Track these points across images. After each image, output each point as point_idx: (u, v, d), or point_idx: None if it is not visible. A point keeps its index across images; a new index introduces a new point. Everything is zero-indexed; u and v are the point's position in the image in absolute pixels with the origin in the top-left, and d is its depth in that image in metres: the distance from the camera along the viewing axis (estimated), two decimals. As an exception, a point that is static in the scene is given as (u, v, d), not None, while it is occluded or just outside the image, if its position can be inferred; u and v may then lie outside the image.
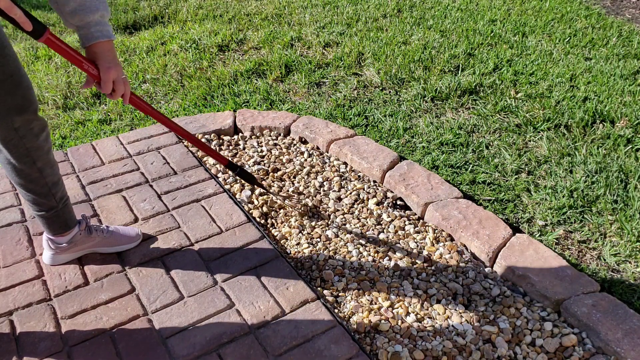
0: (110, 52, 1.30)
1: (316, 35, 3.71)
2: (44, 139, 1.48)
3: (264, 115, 2.71)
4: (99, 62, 1.30)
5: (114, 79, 1.32)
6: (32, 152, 1.46)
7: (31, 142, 1.44)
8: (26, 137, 1.42)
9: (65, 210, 1.65)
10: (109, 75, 1.31)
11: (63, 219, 1.66)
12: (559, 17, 3.99)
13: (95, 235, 1.77)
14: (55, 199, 1.59)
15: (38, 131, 1.45)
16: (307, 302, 1.69)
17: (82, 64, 1.28)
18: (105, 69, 1.30)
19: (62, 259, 1.78)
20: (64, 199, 1.64)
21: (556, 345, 1.60)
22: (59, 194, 1.60)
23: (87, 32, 1.27)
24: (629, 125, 2.63)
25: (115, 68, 1.32)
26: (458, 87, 2.99)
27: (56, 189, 1.58)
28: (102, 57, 1.30)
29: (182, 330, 1.59)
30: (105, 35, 1.29)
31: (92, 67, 1.30)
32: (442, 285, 1.81)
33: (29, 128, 1.42)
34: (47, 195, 1.57)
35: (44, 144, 1.49)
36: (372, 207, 2.15)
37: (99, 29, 1.27)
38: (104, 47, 1.29)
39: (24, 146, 1.43)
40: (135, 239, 1.87)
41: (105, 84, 1.32)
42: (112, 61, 1.31)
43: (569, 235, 2.04)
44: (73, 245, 1.74)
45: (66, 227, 1.68)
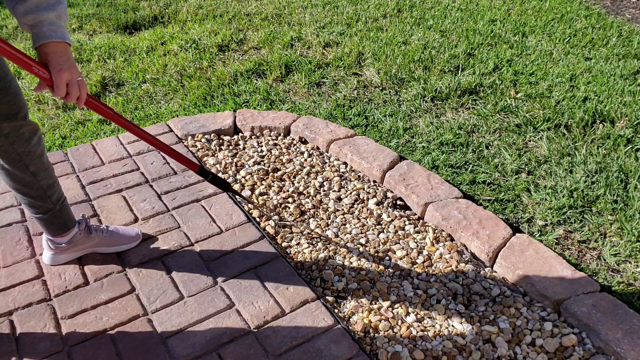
0: (62, 53, 1.22)
1: (316, 35, 3.71)
2: (36, 142, 1.46)
3: (264, 115, 2.71)
4: (50, 64, 1.21)
5: (67, 81, 1.23)
6: (24, 156, 1.44)
7: (22, 147, 1.42)
8: (16, 142, 1.40)
9: (62, 211, 1.64)
10: (61, 77, 1.22)
11: (61, 220, 1.65)
12: (559, 17, 3.99)
13: (95, 235, 1.77)
14: (51, 201, 1.58)
15: (29, 136, 1.43)
16: (307, 302, 1.69)
17: (32, 67, 1.19)
18: (57, 71, 1.21)
19: (62, 259, 1.78)
20: (61, 200, 1.63)
21: (556, 345, 1.60)
22: (55, 196, 1.59)
23: (38, 31, 1.19)
24: (629, 125, 2.63)
25: (69, 70, 1.23)
26: (458, 87, 2.99)
27: (52, 192, 1.57)
28: (53, 59, 1.21)
29: (182, 330, 1.59)
30: (59, 36, 1.20)
31: (43, 70, 1.21)
32: (442, 285, 1.81)
33: (18, 133, 1.40)
34: (42, 198, 1.56)
35: (36, 148, 1.47)
36: (372, 207, 2.15)
37: (52, 29, 1.19)
38: (56, 48, 1.20)
39: (15, 151, 1.42)
40: (135, 239, 1.87)
41: (57, 87, 1.23)
42: (65, 63, 1.22)
43: (569, 235, 2.04)
44: (73, 245, 1.74)
45: (65, 227, 1.68)
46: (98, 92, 3.12)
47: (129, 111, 2.89)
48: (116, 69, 3.35)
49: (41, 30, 1.19)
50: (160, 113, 2.87)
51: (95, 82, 3.16)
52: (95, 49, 3.67)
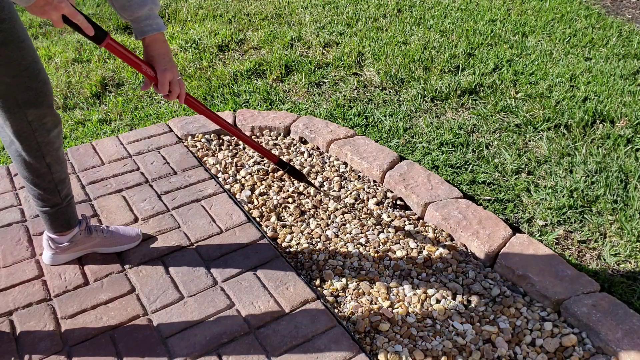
0: (165, 54, 1.36)
1: (316, 35, 3.71)
2: (56, 135, 1.49)
3: (264, 115, 2.71)
4: (156, 64, 1.36)
5: (170, 80, 1.37)
6: (43, 146, 1.47)
7: (43, 136, 1.45)
8: (38, 131, 1.43)
9: (68, 208, 1.66)
10: (165, 77, 1.36)
11: (66, 217, 1.66)
12: (559, 17, 3.99)
13: (95, 235, 1.78)
14: (60, 196, 1.60)
15: (51, 126, 1.46)
16: (307, 302, 1.69)
17: (141, 67, 1.34)
18: (162, 71, 1.35)
19: (62, 259, 1.78)
20: (69, 197, 1.64)
21: (556, 345, 1.60)
22: (64, 191, 1.61)
23: (137, 26, 1.31)
24: (629, 125, 2.63)
25: (171, 70, 1.37)
26: (458, 87, 2.99)
27: (62, 186, 1.59)
28: (158, 60, 1.35)
29: (182, 330, 1.59)
30: (155, 28, 1.33)
31: (150, 69, 1.36)
32: (442, 285, 1.81)
33: (42, 122, 1.43)
34: (52, 192, 1.57)
35: (56, 139, 1.49)
36: (372, 207, 2.15)
37: (148, 23, 1.31)
38: (156, 40, 1.34)
39: (35, 140, 1.44)
40: (135, 239, 1.87)
41: (162, 85, 1.37)
42: (168, 63, 1.36)
43: (569, 235, 2.04)
44: (73, 245, 1.74)
45: (68, 225, 1.69)
46: (98, 92, 3.12)
47: (129, 111, 2.89)
48: (116, 69, 3.35)
49: (139, 26, 1.32)
50: (160, 113, 2.87)
51: (95, 82, 3.16)
52: (95, 48, 3.67)
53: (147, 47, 1.36)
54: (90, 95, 3.08)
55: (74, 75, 3.28)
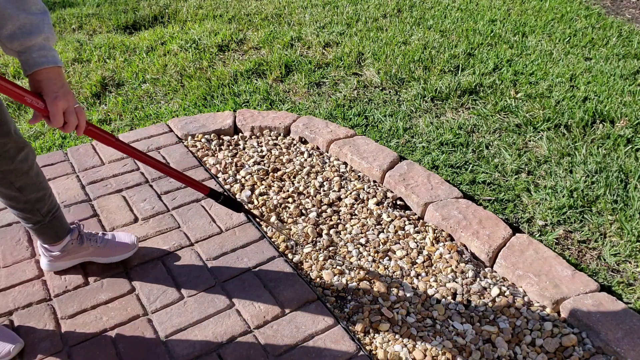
0: (57, 79, 1.14)
1: (316, 35, 3.71)
2: (22, 159, 1.39)
3: (264, 115, 2.71)
4: (44, 93, 1.13)
5: (63, 109, 1.15)
6: (8, 174, 1.38)
7: (5, 165, 1.35)
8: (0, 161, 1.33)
9: (53, 222, 1.58)
10: (57, 106, 1.13)
11: (52, 230, 1.60)
12: (559, 17, 3.99)
13: (87, 245, 1.72)
14: (40, 213, 1.52)
15: (14, 153, 1.36)
16: (307, 302, 1.69)
17: (24, 98, 1.10)
18: (52, 100, 1.12)
19: (59, 266, 1.75)
20: (52, 211, 1.57)
21: (556, 345, 1.60)
22: (44, 208, 1.53)
23: (28, 58, 1.10)
24: (629, 125, 2.63)
25: (65, 97, 1.14)
26: (458, 87, 2.99)
27: (40, 205, 1.51)
28: (47, 87, 1.12)
29: (182, 330, 1.59)
30: (51, 61, 1.12)
31: (37, 99, 1.12)
32: (442, 285, 1.81)
33: (2, 151, 1.33)
34: (31, 211, 1.50)
35: (22, 165, 1.40)
36: (372, 207, 2.15)
37: (42, 54, 1.11)
38: (49, 74, 1.13)
39: None
40: (130, 248, 1.80)
41: (53, 117, 1.13)
42: (60, 90, 1.14)
43: (569, 235, 2.04)
44: (66, 253, 1.70)
45: (56, 237, 1.63)
46: (98, 92, 3.12)
47: (129, 111, 2.89)
48: (116, 69, 3.35)
49: (31, 57, 1.11)
50: (160, 113, 2.87)
51: (95, 82, 3.16)
52: (95, 49, 3.67)
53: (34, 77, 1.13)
54: (90, 95, 3.08)
55: (74, 75, 3.28)
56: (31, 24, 1.09)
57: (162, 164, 1.43)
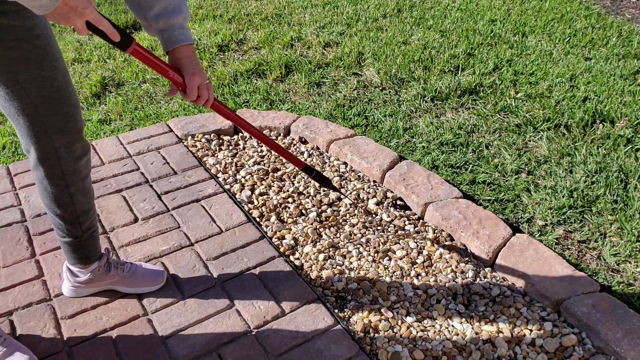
0: (192, 56, 1.28)
1: (316, 35, 3.71)
2: (84, 164, 1.39)
3: (263, 115, 2.71)
4: (183, 69, 1.27)
5: (198, 85, 1.28)
6: (68, 175, 1.37)
7: (68, 164, 1.35)
8: (64, 158, 1.34)
9: (90, 241, 1.54)
10: (194, 82, 1.27)
11: (85, 250, 1.55)
12: (559, 17, 3.99)
13: (114, 273, 1.65)
14: (81, 228, 1.49)
15: (80, 154, 1.37)
16: (307, 302, 1.69)
17: (168, 73, 1.26)
18: (190, 75, 1.26)
19: (82, 293, 1.68)
20: (91, 230, 1.53)
21: (556, 345, 1.60)
22: (86, 223, 1.50)
23: (170, 35, 1.24)
24: (629, 125, 2.63)
25: (199, 74, 1.28)
26: (458, 87, 2.99)
27: (85, 218, 1.48)
28: (186, 64, 1.26)
29: (182, 330, 1.59)
30: (189, 38, 1.26)
31: (177, 74, 1.27)
32: (442, 285, 1.81)
33: (70, 150, 1.34)
34: (73, 223, 1.47)
35: (83, 169, 1.40)
36: (372, 207, 2.15)
37: (182, 32, 1.24)
38: (187, 51, 1.26)
39: (59, 168, 1.35)
40: (155, 283, 1.72)
41: (190, 91, 1.28)
42: (196, 67, 1.27)
43: (569, 235, 2.04)
44: (91, 280, 1.63)
45: (87, 259, 1.58)
46: (98, 92, 3.12)
47: (129, 111, 2.89)
48: (116, 69, 3.35)
49: (173, 35, 1.23)
50: (160, 113, 2.87)
51: (95, 82, 3.16)
52: (95, 48, 3.67)
53: (174, 54, 1.27)
54: (90, 95, 3.08)
55: (74, 76, 3.28)
56: (174, 5, 1.21)
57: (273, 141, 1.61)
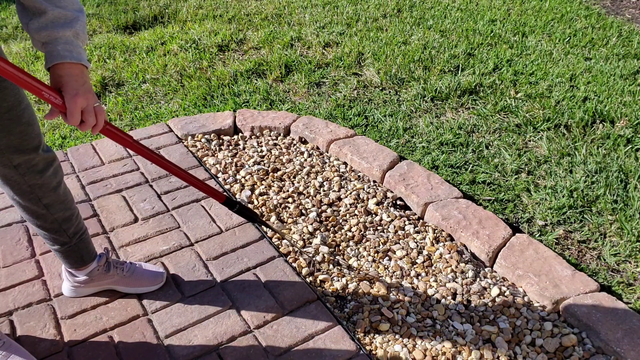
0: (78, 75, 1.08)
1: (316, 35, 3.71)
2: (51, 174, 1.35)
3: (263, 115, 2.71)
4: (64, 89, 1.07)
5: (82, 107, 1.09)
6: (36, 189, 1.33)
7: (34, 179, 1.31)
8: (28, 174, 1.29)
9: (80, 245, 1.52)
10: (76, 104, 1.07)
11: (78, 254, 1.54)
12: (558, 17, 3.99)
13: (113, 272, 1.65)
14: (67, 234, 1.47)
15: (43, 167, 1.32)
16: (307, 302, 1.69)
17: (42, 92, 1.04)
18: (71, 97, 1.06)
19: (82, 292, 1.68)
20: (79, 233, 1.51)
21: (556, 345, 1.60)
22: (71, 229, 1.47)
23: (52, 49, 1.05)
24: (629, 125, 2.63)
25: (85, 95, 1.08)
26: (458, 87, 2.99)
27: (68, 225, 1.46)
28: (68, 83, 1.06)
29: (182, 330, 1.59)
30: (75, 57, 1.06)
31: (55, 95, 1.06)
32: (442, 285, 1.81)
33: (30, 165, 1.29)
34: (57, 231, 1.45)
35: (51, 180, 1.35)
36: (372, 207, 2.15)
37: (67, 48, 1.05)
38: (71, 70, 1.06)
39: (26, 184, 1.31)
40: (156, 282, 1.71)
41: (71, 114, 1.07)
42: (81, 88, 1.08)
43: (569, 235, 2.04)
44: (90, 281, 1.63)
45: (82, 262, 1.56)
46: (98, 92, 3.12)
47: (129, 111, 2.89)
48: (116, 69, 3.35)
49: (55, 49, 1.05)
50: (160, 113, 2.87)
51: (95, 82, 3.16)
52: (95, 49, 3.67)
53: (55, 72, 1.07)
54: (90, 95, 3.08)
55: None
56: (65, 18, 1.06)
57: (177, 167, 1.38)
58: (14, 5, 4.69)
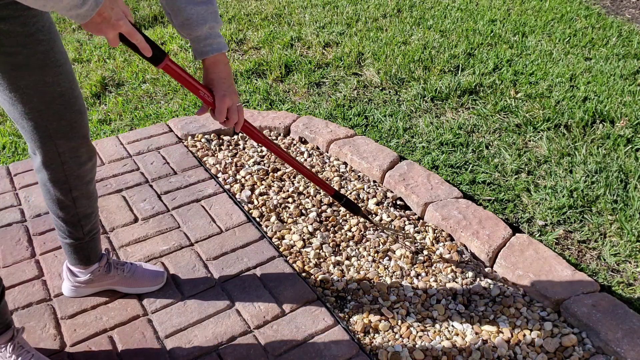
0: (226, 78, 1.26)
1: (316, 35, 3.71)
2: (89, 168, 1.39)
3: (263, 115, 2.71)
4: (215, 89, 1.25)
5: (228, 107, 1.26)
6: (71, 180, 1.37)
7: (72, 169, 1.35)
8: (68, 163, 1.33)
9: (91, 244, 1.55)
10: (224, 103, 1.25)
11: (86, 252, 1.55)
12: (558, 17, 3.99)
13: (114, 273, 1.66)
14: (83, 231, 1.49)
15: (85, 159, 1.36)
16: (307, 302, 1.69)
17: (199, 91, 1.25)
18: (220, 97, 1.25)
19: (82, 293, 1.68)
20: (93, 232, 1.53)
21: (556, 345, 1.60)
22: (88, 226, 1.50)
23: (196, 47, 1.23)
24: (629, 125, 2.63)
25: (230, 96, 1.26)
26: (458, 87, 2.99)
27: (86, 221, 1.48)
28: (218, 84, 1.25)
29: (182, 330, 1.59)
30: (216, 49, 1.23)
31: (208, 94, 1.25)
32: (442, 285, 1.81)
33: (74, 155, 1.33)
34: (75, 225, 1.47)
35: (87, 173, 1.39)
36: (372, 207, 2.15)
37: (208, 43, 1.22)
38: (217, 62, 1.24)
39: (63, 172, 1.34)
40: (157, 282, 1.72)
41: (219, 113, 1.26)
42: (228, 89, 1.26)
43: (569, 235, 2.04)
44: (91, 280, 1.63)
45: (88, 261, 1.58)
46: (98, 92, 3.12)
47: (129, 111, 2.89)
48: (116, 69, 3.35)
49: (198, 46, 1.22)
50: (160, 113, 2.87)
51: (95, 82, 3.16)
52: (95, 49, 3.67)
53: (207, 69, 1.26)
54: (90, 95, 3.08)
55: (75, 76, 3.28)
56: (197, 15, 1.17)
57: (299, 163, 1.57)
58: None
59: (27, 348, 1.41)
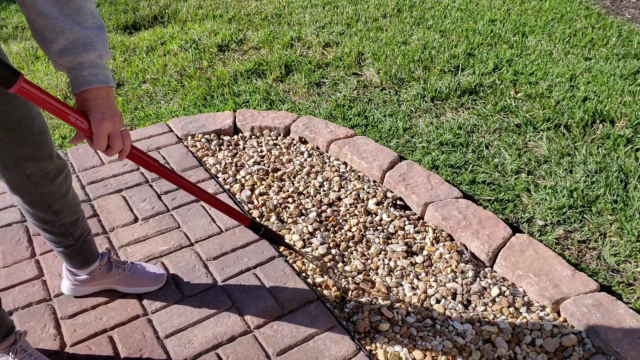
0: (105, 98, 1.04)
1: (316, 35, 3.71)
2: (61, 181, 1.36)
3: (263, 115, 2.71)
4: (90, 112, 1.03)
5: (109, 132, 1.05)
6: (47, 197, 1.34)
7: (46, 187, 1.32)
8: (40, 183, 1.30)
9: (84, 247, 1.53)
10: (102, 128, 1.03)
11: (82, 255, 1.55)
12: (558, 17, 3.99)
13: (115, 272, 1.65)
14: (73, 237, 1.48)
15: (54, 175, 1.33)
16: (307, 302, 1.69)
17: (68, 117, 1.01)
18: (98, 121, 1.03)
19: (82, 291, 1.68)
20: (84, 235, 1.52)
21: (556, 345, 1.60)
22: (77, 232, 1.48)
23: (77, 76, 1.01)
24: (629, 125, 2.63)
25: (111, 119, 1.05)
26: (458, 87, 2.99)
27: (74, 228, 1.46)
28: (94, 106, 1.03)
29: (182, 330, 1.59)
30: (102, 80, 1.03)
31: (82, 119, 1.03)
32: (442, 285, 1.81)
33: (42, 174, 1.29)
34: (64, 235, 1.45)
35: (61, 187, 1.36)
36: (372, 207, 2.15)
37: (93, 72, 1.02)
38: (98, 94, 1.03)
39: (37, 192, 1.31)
40: (156, 283, 1.72)
41: (97, 139, 1.04)
42: (107, 111, 1.04)
43: (569, 235, 2.04)
44: (91, 279, 1.63)
45: (85, 262, 1.57)
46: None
47: (129, 111, 2.89)
48: (116, 69, 3.35)
49: (80, 75, 1.01)
50: (160, 113, 2.87)
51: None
52: (95, 49, 3.66)
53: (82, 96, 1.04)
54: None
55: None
56: (85, 39, 0.99)
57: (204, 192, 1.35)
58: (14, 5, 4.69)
59: (30, 351, 1.41)
